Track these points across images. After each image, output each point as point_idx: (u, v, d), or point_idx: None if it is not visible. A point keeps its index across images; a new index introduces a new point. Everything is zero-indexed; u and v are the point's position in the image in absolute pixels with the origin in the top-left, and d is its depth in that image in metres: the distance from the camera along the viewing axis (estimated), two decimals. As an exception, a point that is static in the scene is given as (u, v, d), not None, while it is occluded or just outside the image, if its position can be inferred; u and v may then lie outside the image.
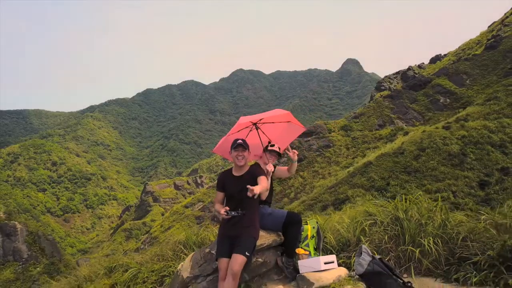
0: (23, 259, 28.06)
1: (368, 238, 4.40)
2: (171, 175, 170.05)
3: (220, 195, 3.85)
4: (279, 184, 43.54)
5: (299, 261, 3.81)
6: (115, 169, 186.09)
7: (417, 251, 3.91)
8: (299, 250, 3.92)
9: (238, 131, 4.11)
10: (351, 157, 43.87)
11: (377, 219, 4.54)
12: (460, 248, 3.86)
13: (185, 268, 4.00)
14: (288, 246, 3.91)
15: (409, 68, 72.53)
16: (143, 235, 77.43)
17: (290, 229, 3.83)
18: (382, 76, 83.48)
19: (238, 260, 3.39)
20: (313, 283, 3.42)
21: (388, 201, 4.96)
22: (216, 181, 4.14)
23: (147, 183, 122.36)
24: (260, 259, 3.85)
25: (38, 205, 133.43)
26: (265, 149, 4.20)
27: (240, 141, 3.70)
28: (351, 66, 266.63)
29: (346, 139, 46.57)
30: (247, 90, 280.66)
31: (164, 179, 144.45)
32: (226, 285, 3.38)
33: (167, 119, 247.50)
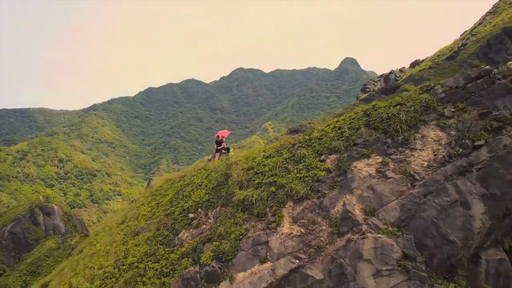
0: (61, 233, 35.07)
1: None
2: (173, 172, 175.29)
3: (215, 144, 20.07)
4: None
5: (229, 154, 18.60)
6: (119, 166, 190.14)
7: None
8: (230, 152, 19.51)
9: (219, 132, 21.32)
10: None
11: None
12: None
13: (211, 154, 21.95)
14: (227, 152, 19.44)
15: (391, 72, 79.16)
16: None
17: (227, 149, 19.79)
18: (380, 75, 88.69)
19: (217, 155, 19.35)
20: (228, 154, 19.10)
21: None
22: (215, 141, 20.27)
23: (151, 178, 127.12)
24: (224, 154, 19.34)
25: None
26: (222, 137, 20.47)
27: (218, 134, 20.56)
28: (349, 65, 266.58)
29: (326, 137, 52.94)
30: (247, 88, 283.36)
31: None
32: (216, 157, 19.14)
33: (168, 117, 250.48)
